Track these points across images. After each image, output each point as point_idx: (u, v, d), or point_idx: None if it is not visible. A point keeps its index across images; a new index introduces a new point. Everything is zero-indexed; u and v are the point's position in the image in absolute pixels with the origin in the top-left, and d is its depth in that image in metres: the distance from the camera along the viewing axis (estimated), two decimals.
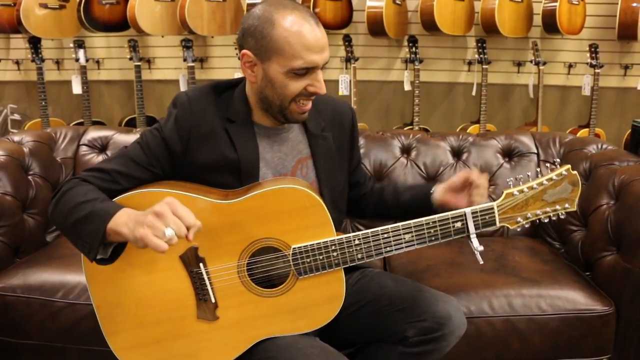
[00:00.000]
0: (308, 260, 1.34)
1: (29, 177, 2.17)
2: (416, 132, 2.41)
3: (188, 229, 1.17)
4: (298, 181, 1.40)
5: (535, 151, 2.31)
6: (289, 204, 1.33)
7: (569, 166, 1.41)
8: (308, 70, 1.32)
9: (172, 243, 1.16)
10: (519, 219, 1.41)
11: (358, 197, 1.68)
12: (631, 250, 1.74)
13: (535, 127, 3.70)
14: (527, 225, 1.44)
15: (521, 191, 1.40)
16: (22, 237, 2.03)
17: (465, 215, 1.38)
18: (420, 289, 1.47)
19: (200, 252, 1.34)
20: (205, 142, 1.39)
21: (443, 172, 2.28)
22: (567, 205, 1.43)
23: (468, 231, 1.38)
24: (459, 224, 1.38)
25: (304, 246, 1.34)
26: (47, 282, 1.79)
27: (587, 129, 3.67)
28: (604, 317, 1.71)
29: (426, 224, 1.37)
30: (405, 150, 2.33)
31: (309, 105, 1.39)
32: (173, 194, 1.31)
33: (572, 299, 1.73)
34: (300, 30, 1.29)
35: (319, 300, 1.37)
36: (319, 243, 1.34)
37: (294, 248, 1.34)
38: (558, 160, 1.46)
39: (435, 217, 1.37)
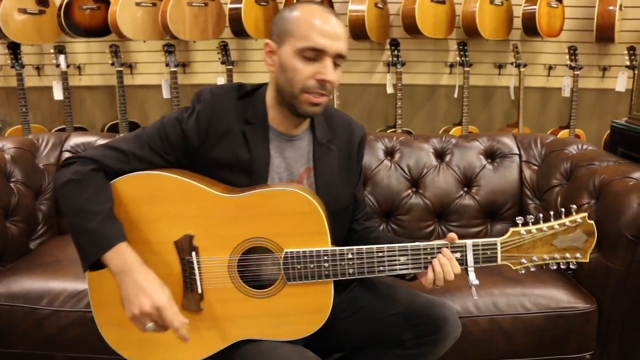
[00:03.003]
0: (298, 266, 1.33)
1: (11, 184, 2.15)
2: (399, 134, 2.42)
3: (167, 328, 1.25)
4: (304, 189, 1.40)
5: (517, 152, 2.34)
6: (287, 207, 1.33)
7: (585, 215, 1.34)
8: (317, 55, 1.33)
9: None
10: (523, 260, 1.35)
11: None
12: (612, 249, 1.77)
13: (516, 129, 3.74)
14: (532, 269, 1.36)
15: (529, 232, 1.34)
16: (4, 245, 2.00)
17: (465, 247, 1.35)
18: (415, 294, 1.48)
19: (194, 241, 1.35)
20: (221, 140, 1.41)
21: (427, 174, 2.29)
22: (578, 255, 1.35)
23: (466, 264, 1.35)
24: (457, 255, 1.35)
25: (296, 252, 1.33)
26: (31, 289, 1.77)
27: (567, 130, 3.72)
28: (586, 314, 1.74)
29: (423, 249, 1.35)
30: (389, 153, 2.34)
31: (322, 99, 1.37)
32: (178, 179, 1.35)
33: (555, 297, 1.75)
34: (313, 14, 1.34)
35: (304, 310, 1.36)
36: (312, 251, 1.33)
37: (285, 252, 1.33)
38: (574, 206, 1.36)
39: (434, 243, 1.35)
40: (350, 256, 1.34)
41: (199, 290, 1.35)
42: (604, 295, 1.78)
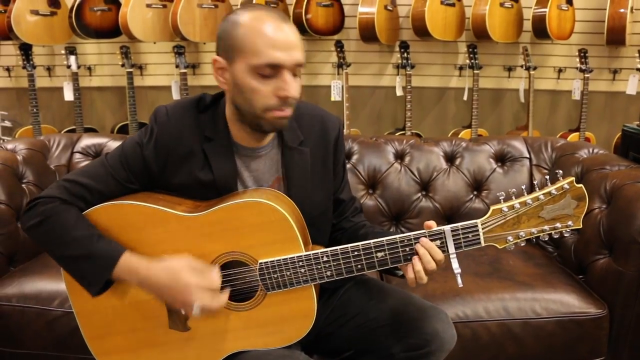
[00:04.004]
0: (275, 275, 1.30)
1: (23, 185, 2.16)
2: (409, 137, 2.42)
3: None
4: (270, 195, 1.35)
5: (528, 156, 2.34)
6: (253, 217, 1.29)
7: (572, 179, 1.25)
8: (274, 71, 1.22)
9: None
10: (509, 238, 1.26)
11: (334, 222, 1.56)
12: (623, 254, 1.76)
13: (526, 132, 3.72)
14: (522, 244, 1.28)
15: (511, 207, 1.24)
16: (16, 246, 2.02)
17: (444, 233, 1.26)
18: (407, 302, 1.42)
19: None
20: (182, 164, 1.35)
21: (437, 178, 2.29)
22: (570, 223, 1.25)
23: (447, 251, 1.27)
24: (437, 242, 1.26)
25: (270, 261, 1.30)
26: (42, 290, 1.78)
27: (577, 133, 3.70)
28: (597, 319, 1.74)
29: (400, 241, 1.27)
30: (399, 156, 2.34)
31: (288, 111, 1.27)
32: (141, 206, 1.32)
33: (566, 302, 1.75)
34: (260, 25, 1.21)
35: (289, 317, 1.34)
36: (286, 259, 1.29)
37: (260, 263, 1.30)
38: (560, 171, 1.26)
39: (411, 234, 1.27)
40: (325, 259, 1.29)
41: (182, 311, 1.33)
42: (615, 301, 1.76)
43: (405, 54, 3.62)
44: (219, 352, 1.36)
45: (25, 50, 3.49)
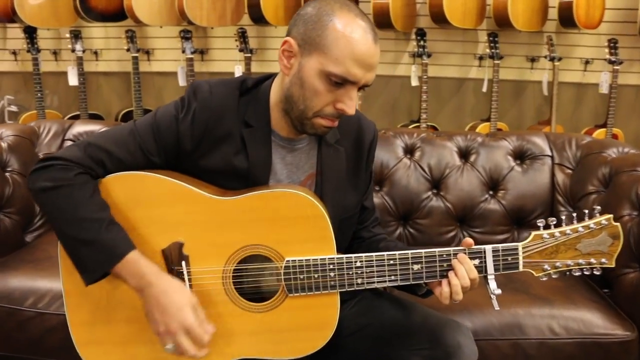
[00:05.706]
0: (301, 276, 1.23)
1: (6, 174, 2.08)
2: (421, 131, 2.30)
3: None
4: (306, 190, 1.29)
5: (550, 154, 2.19)
6: (288, 210, 1.23)
7: (610, 216, 1.26)
8: (344, 83, 1.19)
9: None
10: (546, 266, 1.27)
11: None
12: None
13: (548, 127, 3.59)
14: (554, 276, 1.27)
15: (552, 235, 1.26)
16: None
17: (484, 252, 1.25)
18: (426, 315, 1.37)
19: (185, 249, 1.24)
20: (217, 146, 1.29)
21: (449, 175, 2.15)
22: (604, 260, 1.27)
23: (486, 271, 1.25)
24: (476, 262, 1.25)
25: (298, 260, 1.23)
26: (16, 289, 1.70)
27: (604, 129, 3.56)
28: (625, 343, 1.59)
29: (439, 256, 1.25)
30: (409, 151, 2.21)
31: (336, 123, 1.26)
32: (164, 180, 1.24)
33: (589, 321, 1.61)
34: (354, 36, 1.17)
35: (307, 325, 1.26)
36: (316, 259, 1.23)
37: (287, 260, 1.23)
38: (599, 207, 1.28)
39: (450, 249, 1.25)
40: (358, 264, 1.24)
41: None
42: None
43: (422, 42, 3.50)
44: (221, 357, 1.26)
45: (30, 33, 3.47)
